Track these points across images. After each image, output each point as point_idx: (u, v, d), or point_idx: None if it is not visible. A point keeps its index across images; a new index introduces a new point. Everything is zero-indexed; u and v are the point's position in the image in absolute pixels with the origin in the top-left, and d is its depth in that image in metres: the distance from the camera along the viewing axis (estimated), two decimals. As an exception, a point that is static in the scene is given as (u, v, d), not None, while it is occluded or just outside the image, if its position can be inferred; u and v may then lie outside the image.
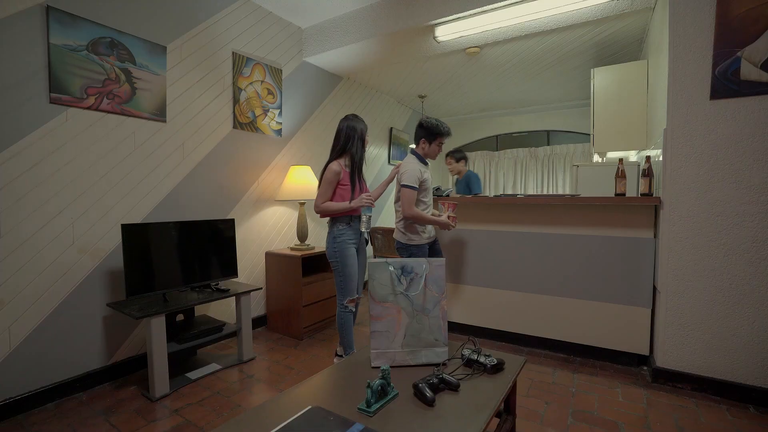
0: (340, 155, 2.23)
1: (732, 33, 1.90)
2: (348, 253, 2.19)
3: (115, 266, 2.20)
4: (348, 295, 2.20)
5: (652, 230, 2.25)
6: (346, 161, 2.24)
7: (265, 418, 1.02)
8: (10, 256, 1.82)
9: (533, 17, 2.64)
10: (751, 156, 1.90)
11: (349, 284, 2.20)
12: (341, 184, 2.19)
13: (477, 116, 6.34)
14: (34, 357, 1.90)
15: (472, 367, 1.31)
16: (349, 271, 2.19)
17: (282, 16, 3.23)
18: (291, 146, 3.42)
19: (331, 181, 2.16)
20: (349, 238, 2.20)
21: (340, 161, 2.21)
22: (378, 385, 1.06)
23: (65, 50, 1.96)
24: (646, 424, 1.76)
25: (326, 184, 2.16)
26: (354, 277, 2.21)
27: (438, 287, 1.38)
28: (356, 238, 2.24)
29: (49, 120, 1.93)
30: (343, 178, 2.19)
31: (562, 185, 5.55)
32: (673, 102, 2.07)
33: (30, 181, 1.88)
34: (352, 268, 2.19)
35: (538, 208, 2.58)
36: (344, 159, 2.24)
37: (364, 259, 2.37)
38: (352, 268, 2.19)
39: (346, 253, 2.18)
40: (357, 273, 2.24)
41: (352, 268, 2.20)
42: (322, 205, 2.17)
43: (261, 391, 2.10)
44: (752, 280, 1.92)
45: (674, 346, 2.10)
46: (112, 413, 1.87)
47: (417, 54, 3.39)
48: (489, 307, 2.78)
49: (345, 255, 2.18)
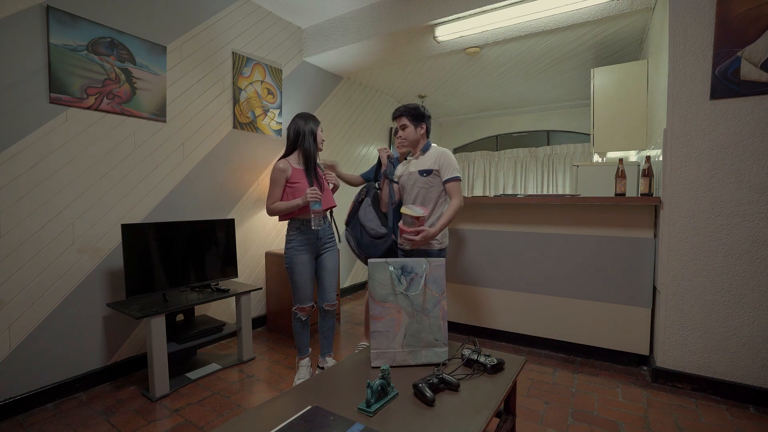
0: (290, 153, 2.15)
1: (732, 33, 1.90)
2: (297, 260, 2.09)
3: (115, 266, 2.20)
4: (297, 303, 2.13)
5: (652, 230, 2.25)
6: (299, 159, 2.15)
7: (265, 418, 1.02)
8: (10, 256, 1.82)
9: (533, 17, 2.64)
10: (751, 156, 1.90)
11: (297, 292, 2.12)
12: (290, 182, 2.08)
13: (477, 116, 6.34)
14: (34, 357, 1.90)
15: (472, 367, 1.31)
16: (297, 279, 2.10)
17: (282, 16, 3.23)
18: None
19: (277, 179, 2.08)
20: (299, 244, 2.09)
21: (289, 159, 2.13)
22: (378, 385, 1.06)
23: (65, 50, 1.96)
24: (646, 424, 1.76)
25: (272, 183, 2.09)
26: (302, 286, 2.11)
27: (438, 287, 1.38)
28: (309, 244, 2.11)
29: (49, 120, 1.93)
30: (291, 176, 2.08)
31: (562, 185, 5.55)
32: (673, 102, 2.07)
33: (30, 181, 1.88)
34: (299, 276, 2.10)
35: (538, 208, 2.58)
36: (297, 156, 2.15)
37: (332, 262, 2.21)
38: (299, 276, 2.10)
39: (294, 261, 2.09)
40: (308, 281, 2.12)
41: (300, 276, 2.10)
42: (270, 206, 2.09)
43: (261, 391, 2.09)
44: (752, 280, 1.92)
45: (674, 346, 2.10)
46: (112, 413, 1.87)
47: (417, 54, 3.39)
48: (489, 307, 2.78)
49: (293, 263, 2.10)
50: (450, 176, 2.02)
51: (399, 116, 2.13)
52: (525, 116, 5.95)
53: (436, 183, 2.06)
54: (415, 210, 1.87)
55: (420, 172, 2.07)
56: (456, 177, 2.02)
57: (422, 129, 2.12)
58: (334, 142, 3.98)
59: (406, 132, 2.12)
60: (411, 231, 1.85)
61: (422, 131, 2.13)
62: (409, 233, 1.85)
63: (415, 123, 2.10)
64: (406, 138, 2.12)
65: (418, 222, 1.86)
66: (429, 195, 2.08)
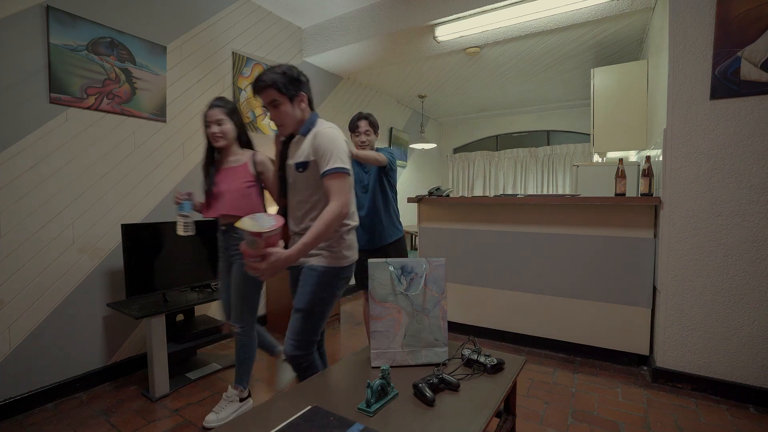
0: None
1: (732, 33, 1.90)
2: (219, 266, 1.87)
3: (115, 266, 2.20)
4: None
5: (652, 230, 2.25)
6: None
7: (265, 418, 1.02)
8: (10, 256, 1.82)
9: (533, 17, 2.64)
10: (751, 156, 1.90)
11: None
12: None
13: (477, 116, 6.34)
14: (34, 357, 1.90)
15: (472, 367, 1.31)
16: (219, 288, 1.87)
17: (282, 16, 3.23)
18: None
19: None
20: (220, 250, 1.85)
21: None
22: (378, 385, 1.06)
23: (65, 50, 1.96)
24: (646, 424, 1.76)
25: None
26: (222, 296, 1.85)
27: (438, 287, 1.38)
28: (223, 250, 1.82)
29: (49, 120, 1.93)
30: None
31: (562, 185, 5.55)
32: (673, 102, 2.06)
33: (30, 181, 1.88)
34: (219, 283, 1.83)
35: (538, 208, 2.58)
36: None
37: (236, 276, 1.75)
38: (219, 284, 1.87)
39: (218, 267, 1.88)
40: (223, 291, 1.86)
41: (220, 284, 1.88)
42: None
43: (261, 391, 2.09)
44: (752, 280, 1.92)
45: (674, 346, 2.10)
46: (112, 413, 1.87)
47: (417, 54, 3.39)
48: (489, 307, 2.78)
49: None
50: (329, 167, 1.33)
51: (265, 89, 1.36)
52: (525, 116, 5.95)
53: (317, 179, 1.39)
54: (258, 223, 1.24)
55: (297, 166, 1.42)
56: (338, 169, 1.33)
57: (302, 101, 1.43)
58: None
59: (281, 112, 1.39)
60: (254, 254, 1.21)
61: (303, 104, 1.43)
62: (252, 257, 1.22)
63: (290, 94, 1.38)
64: (283, 122, 1.41)
65: (262, 241, 1.20)
66: (312, 198, 1.42)
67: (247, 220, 1.24)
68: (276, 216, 1.31)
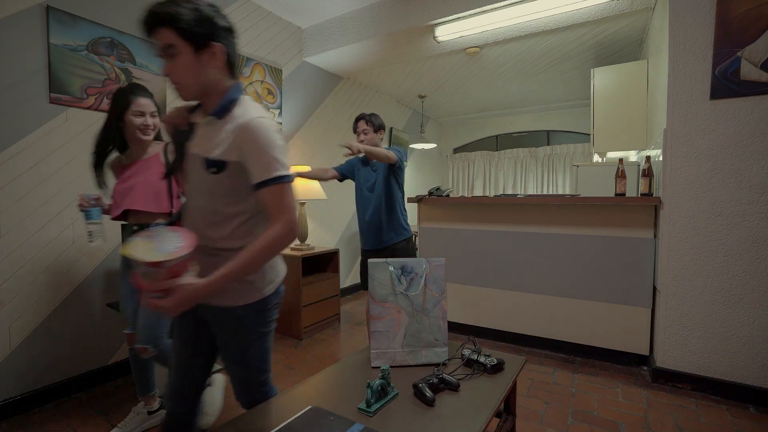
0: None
1: (732, 33, 1.90)
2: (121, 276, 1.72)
3: (114, 266, 2.20)
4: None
5: (652, 230, 2.25)
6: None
7: (265, 418, 1.03)
8: (10, 256, 1.82)
9: (533, 17, 2.64)
10: (751, 156, 1.90)
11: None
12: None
13: (477, 116, 6.34)
14: (34, 357, 1.90)
15: (472, 367, 1.31)
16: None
17: (282, 16, 3.23)
18: (291, 146, 3.42)
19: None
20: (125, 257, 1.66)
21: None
22: (378, 385, 1.06)
23: (65, 50, 1.96)
24: (646, 424, 1.76)
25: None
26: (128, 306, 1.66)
27: (438, 287, 1.38)
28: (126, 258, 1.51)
29: (49, 120, 1.93)
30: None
31: (562, 185, 5.55)
32: (673, 102, 2.07)
33: (30, 181, 1.88)
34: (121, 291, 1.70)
35: (538, 208, 2.58)
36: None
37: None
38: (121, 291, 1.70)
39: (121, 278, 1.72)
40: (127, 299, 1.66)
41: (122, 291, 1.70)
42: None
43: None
44: (752, 280, 1.92)
45: (674, 346, 2.10)
46: (112, 413, 1.87)
47: (417, 54, 3.39)
48: (489, 307, 2.78)
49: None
50: (269, 176, 0.94)
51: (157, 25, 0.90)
52: (525, 116, 5.95)
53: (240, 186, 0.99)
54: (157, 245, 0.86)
55: (207, 164, 0.98)
56: (281, 178, 0.95)
57: (216, 58, 0.96)
58: (333, 142, 3.97)
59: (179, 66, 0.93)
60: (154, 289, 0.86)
61: (217, 62, 0.97)
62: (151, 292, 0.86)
63: (196, 41, 0.92)
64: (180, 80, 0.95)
65: (164, 271, 0.84)
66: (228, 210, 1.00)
67: (139, 243, 0.86)
68: (183, 232, 0.93)
